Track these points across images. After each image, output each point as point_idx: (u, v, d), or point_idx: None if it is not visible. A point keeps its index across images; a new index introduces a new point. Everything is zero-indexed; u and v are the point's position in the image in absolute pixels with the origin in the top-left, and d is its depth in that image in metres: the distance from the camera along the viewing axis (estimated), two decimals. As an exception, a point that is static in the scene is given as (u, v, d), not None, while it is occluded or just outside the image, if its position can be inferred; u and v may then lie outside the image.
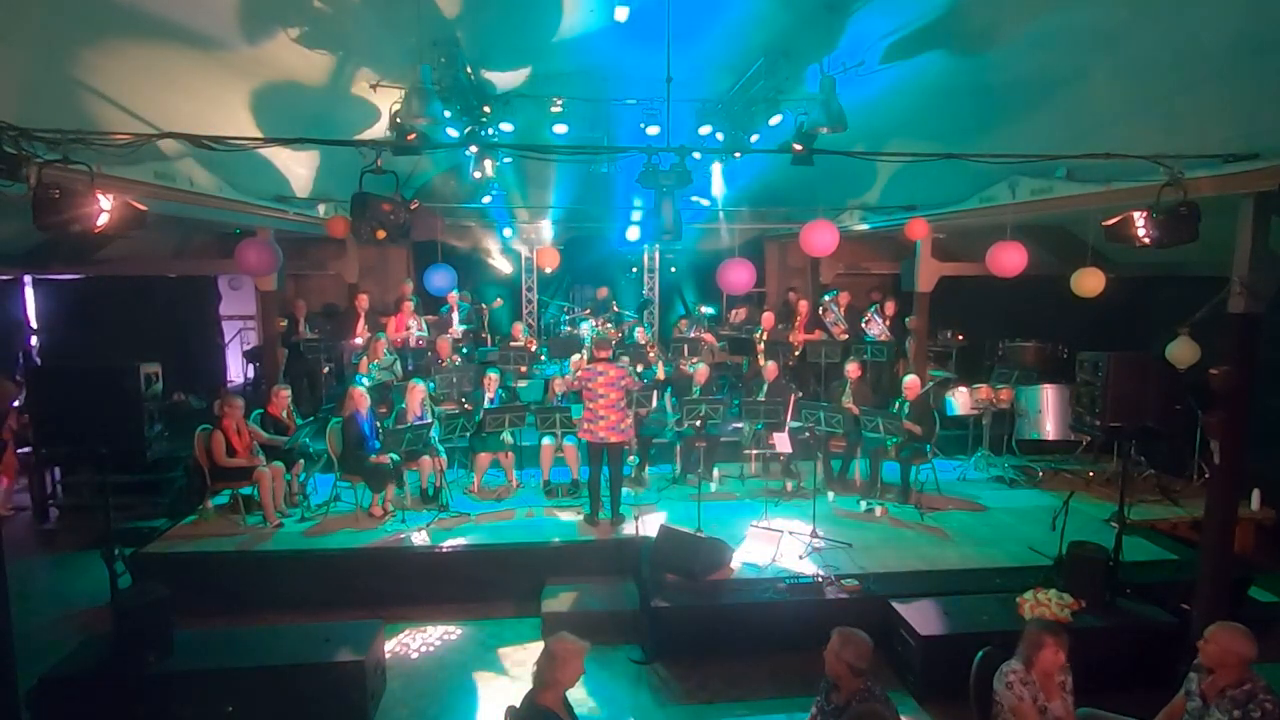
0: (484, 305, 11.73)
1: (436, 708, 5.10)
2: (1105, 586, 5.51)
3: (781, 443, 7.33)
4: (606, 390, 6.81)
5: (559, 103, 7.88)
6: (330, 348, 10.25)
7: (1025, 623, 4.06)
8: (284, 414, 7.53)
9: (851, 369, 8.40)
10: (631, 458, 8.19)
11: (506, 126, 7.91)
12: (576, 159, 9.49)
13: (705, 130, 7.95)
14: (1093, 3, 4.70)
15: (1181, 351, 5.92)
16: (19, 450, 8.22)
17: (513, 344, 10.14)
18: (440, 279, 8.55)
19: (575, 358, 9.50)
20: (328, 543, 6.61)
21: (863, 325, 10.55)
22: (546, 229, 11.95)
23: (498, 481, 7.99)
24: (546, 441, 7.83)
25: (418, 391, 7.50)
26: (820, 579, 5.94)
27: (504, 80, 7.70)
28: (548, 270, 11.73)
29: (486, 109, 7.44)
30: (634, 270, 13.38)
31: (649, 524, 6.70)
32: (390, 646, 5.71)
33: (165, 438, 5.49)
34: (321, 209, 8.91)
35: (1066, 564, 5.72)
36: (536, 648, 4.08)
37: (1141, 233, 4.92)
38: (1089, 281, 6.77)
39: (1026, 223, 7.53)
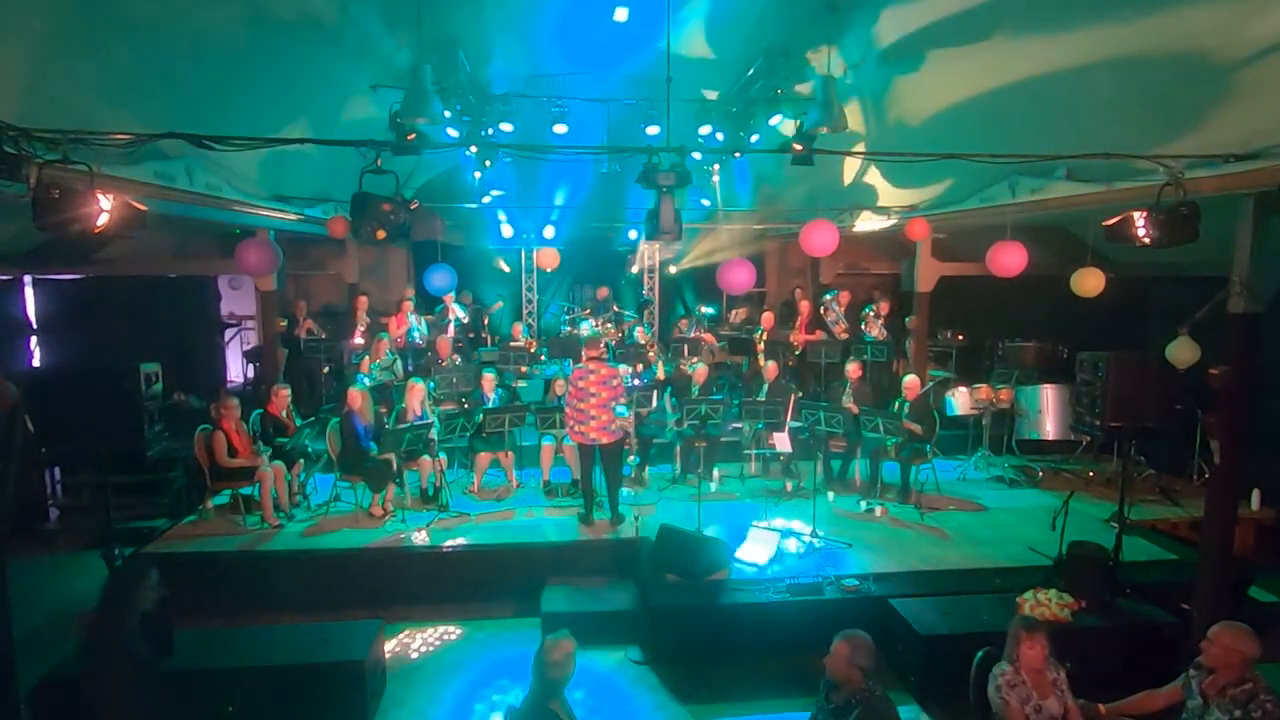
0: (484, 310, 11.72)
1: (436, 708, 5.10)
2: (1105, 586, 5.50)
3: (781, 443, 7.33)
4: (598, 389, 6.78)
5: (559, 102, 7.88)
6: (330, 347, 10.25)
7: (1021, 623, 4.04)
8: (284, 414, 7.52)
9: (852, 369, 8.39)
10: (632, 458, 8.18)
11: (506, 126, 7.91)
12: (576, 158, 9.49)
13: (705, 130, 7.95)
14: (1094, 2, 4.69)
15: (1181, 351, 5.91)
16: None
17: (513, 344, 10.14)
18: (440, 279, 8.56)
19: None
20: (328, 543, 6.61)
21: (859, 326, 10.54)
22: (546, 228, 11.95)
23: (498, 481, 7.98)
24: (546, 442, 7.83)
25: (417, 391, 7.50)
26: (820, 579, 5.94)
27: (504, 80, 7.70)
28: (548, 270, 11.73)
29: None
30: (634, 270, 13.37)
31: (649, 524, 6.70)
32: (390, 646, 5.71)
33: (165, 438, 5.51)
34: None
35: (1066, 564, 5.72)
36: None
37: (1141, 233, 4.91)
38: (1089, 281, 6.78)
39: (1026, 223, 7.53)
